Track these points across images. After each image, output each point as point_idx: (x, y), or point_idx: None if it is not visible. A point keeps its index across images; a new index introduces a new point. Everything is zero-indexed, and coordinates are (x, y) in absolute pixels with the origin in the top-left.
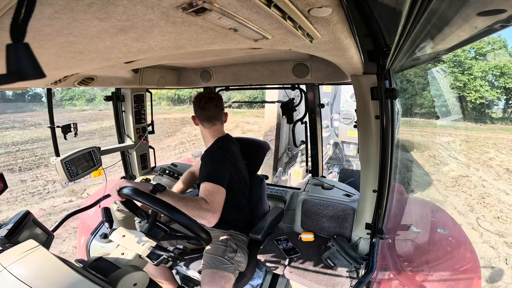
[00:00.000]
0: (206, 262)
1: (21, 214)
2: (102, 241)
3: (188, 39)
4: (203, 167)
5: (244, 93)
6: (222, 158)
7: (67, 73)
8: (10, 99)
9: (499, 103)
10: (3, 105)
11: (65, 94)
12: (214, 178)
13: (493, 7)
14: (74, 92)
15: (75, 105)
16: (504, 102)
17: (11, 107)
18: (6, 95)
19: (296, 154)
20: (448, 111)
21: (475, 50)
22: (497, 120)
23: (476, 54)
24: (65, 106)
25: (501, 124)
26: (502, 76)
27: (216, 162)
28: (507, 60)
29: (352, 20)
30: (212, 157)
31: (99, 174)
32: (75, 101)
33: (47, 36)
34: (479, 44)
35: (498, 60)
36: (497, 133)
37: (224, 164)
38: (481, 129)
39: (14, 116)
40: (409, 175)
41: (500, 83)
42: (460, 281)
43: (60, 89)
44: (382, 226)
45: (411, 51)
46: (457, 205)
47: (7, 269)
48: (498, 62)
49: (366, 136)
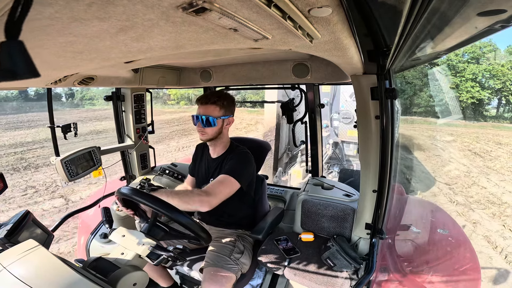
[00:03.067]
0: (209, 260)
1: (21, 214)
2: (102, 241)
3: (188, 39)
4: (231, 163)
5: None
6: (252, 159)
7: (67, 73)
8: (32, 99)
9: (491, 102)
10: (26, 104)
11: (85, 94)
12: (236, 174)
13: (493, 7)
14: (94, 93)
15: (94, 104)
16: (496, 102)
17: (35, 106)
18: (29, 94)
19: (296, 154)
20: (442, 111)
21: (468, 54)
22: (489, 118)
23: (468, 58)
24: (84, 105)
25: (487, 122)
26: (492, 78)
27: (246, 163)
28: (495, 62)
29: (352, 20)
30: (244, 158)
31: (99, 174)
32: (95, 101)
33: (47, 36)
34: (471, 48)
35: (488, 63)
36: (487, 129)
37: (252, 165)
38: (472, 126)
39: (41, 115)
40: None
41: (490, 84)
42: (460, 281)
43: (80, 90)
44: (382, 226)
45: (411, 51)
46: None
47: (7, 269)
48: (488, 65)
49: (366, 136)
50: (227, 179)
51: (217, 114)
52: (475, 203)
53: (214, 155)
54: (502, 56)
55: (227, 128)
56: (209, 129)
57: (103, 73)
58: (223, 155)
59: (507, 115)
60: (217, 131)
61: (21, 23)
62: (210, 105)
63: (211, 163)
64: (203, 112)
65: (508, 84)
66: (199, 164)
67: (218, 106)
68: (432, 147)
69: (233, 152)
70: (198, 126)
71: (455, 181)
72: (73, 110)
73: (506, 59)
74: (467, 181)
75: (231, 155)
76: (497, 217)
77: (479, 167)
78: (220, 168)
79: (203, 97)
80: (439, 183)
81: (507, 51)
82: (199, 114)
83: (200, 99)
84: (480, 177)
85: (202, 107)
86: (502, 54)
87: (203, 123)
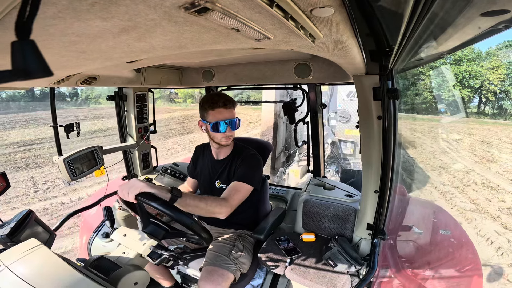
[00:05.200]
0: (208, 259)
1: (23, 213)
2: (103, 240)
3: (190, 39)
4: (242, 169)
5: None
6: (261, 161)
7: (70, 72)
8: (39, 98)
9: (473, 100)
10: (33, 103)
11: (91, 93)
12: (249, 179)
13: (497, 8)
14: (99, 92)
15: (100, 103)
16: (477, 100)
17: (41, 105)
18: (35, 93)
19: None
20: (428, 107)
21: (452, 56)
22: (470, 115)
23: (451, 61)
24: (90, 104)
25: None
26: (471, 78)
27: (257, 165)
28: (475, 63)
29: (354, 20)
30: (254, 160)
31: (101, 173)
32: (100, 99)
33: (50, 36)
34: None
35: (467, 65)
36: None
37: (262, 166)
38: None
39: (46, 113)
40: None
41: (470, 83)
42: (462, 282)
43: (85, 89)
44: (383, 227)
45: (414, 52)
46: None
47: (9, 267)
48: (467, 67)
49: (368, 136)
50: (243, 187)
51: (235, 115)
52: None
53: (220, 156)
54: (483, 58)
55: None
56: (234, 132)
57: (106, 73)
58: (230, 156)
59: (474, 110)
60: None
61: (31, 22)
62: (231, 108)
63: (215, 165)
64: (230, 116)
65: (487, 83)
66: (201, 166)
67: (234, 107)
68: (417, 140)
69: (240, 154)
70: (227, 131)
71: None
72: (80, 108)
73: (486, 61)
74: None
75: (239, 157)
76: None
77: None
78: (229, 170)
79: (223, 101)
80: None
81: (487, 53)
82: (228, 119)
83: (220, 103)
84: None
85: (227, 111)
86: (483, 56)
87: (233, 127)
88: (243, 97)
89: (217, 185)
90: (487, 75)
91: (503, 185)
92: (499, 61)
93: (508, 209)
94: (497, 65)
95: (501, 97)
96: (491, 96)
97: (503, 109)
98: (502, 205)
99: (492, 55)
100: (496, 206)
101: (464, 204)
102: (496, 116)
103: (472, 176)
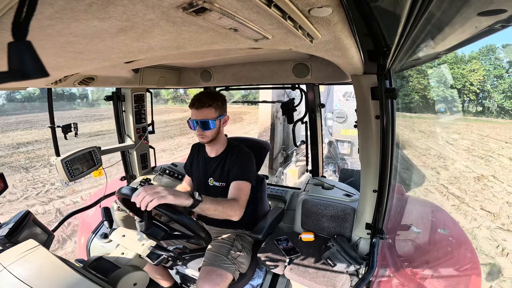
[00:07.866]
0: (207, 259)
1: (21, 214)
2: (102, 241)
3: (188, 39)
4: (237, 168)
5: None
6: (253, 157)
7: (68, 73)
8: (53, 99)
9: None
10: (44, 104)
11: (101, 94)
12: (246, 177)
13: (494, 7)
14: (109, 93)
15: (111, 103)
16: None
17: (56, 105)
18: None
19: (291, 153)
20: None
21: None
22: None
23: (435, 64)
24: (100, 105)
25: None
26: (453, 80)
27: (251, 162)
28: (456, 66)
29: (352, 20)
30: (248, 157)
31: (99, 174)
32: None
33: (47, 36)
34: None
35: (449, 67)
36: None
37: (254, 162)
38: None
39: (60, 113)
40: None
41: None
42: (460, 281)
43: (95, 90)
44: (382, 226)
45: (412, 51)
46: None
47: (7, 268)
48: (449, 69)
49: (367, 136)
50: (245, 185)
51: (213, 115)
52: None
53: (212, 154)
54: (466, 61)
55: (223, 127)
56: (208, 132)
57: (104, 73)
58: (223, 154)
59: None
60: (216, 132)
61: (28, 23)
62: (205, 109)
63: (209, 162)
64: (200, 116)
65: (468, 85)
66: (196, 164)
67: (213, 108)
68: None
69: (233, 151)
70: (197, 130)
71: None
72: (92, 109)
73: (469, 64)
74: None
75: (232, 155)
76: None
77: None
78: (222, 167)
79: (196, 102)
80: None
81: (470, 56)
82: (196, 119)
83: (194, 104)
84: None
85: (198, 112)
86: (466, 59)
87: (203, 127)
88: (250, 98)
89: (210, 182)
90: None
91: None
92: (479, 63)
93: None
94: (476, 68)
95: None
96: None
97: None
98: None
99: (474, 58)
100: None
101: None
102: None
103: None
